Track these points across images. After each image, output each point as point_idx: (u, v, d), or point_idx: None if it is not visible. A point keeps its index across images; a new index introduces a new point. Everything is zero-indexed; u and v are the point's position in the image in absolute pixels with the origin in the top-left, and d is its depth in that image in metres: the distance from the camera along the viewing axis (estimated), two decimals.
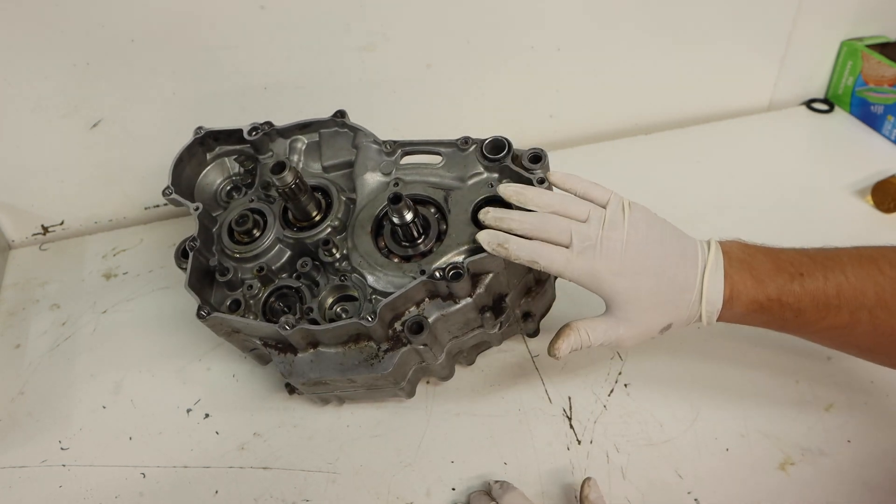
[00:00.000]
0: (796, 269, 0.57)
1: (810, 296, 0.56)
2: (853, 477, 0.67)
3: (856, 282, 0.55)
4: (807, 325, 0.58)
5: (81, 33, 0.84)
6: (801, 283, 0.56)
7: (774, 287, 0.56)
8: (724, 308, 0.58)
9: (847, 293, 0.55)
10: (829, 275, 0.56)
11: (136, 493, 0.69)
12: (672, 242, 0.59)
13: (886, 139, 1.14)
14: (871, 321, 0.55)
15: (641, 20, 1.06)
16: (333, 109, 0.76)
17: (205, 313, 0.64)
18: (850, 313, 0.55)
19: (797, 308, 0.56)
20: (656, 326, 0.59)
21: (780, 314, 0.57)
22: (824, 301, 0.56)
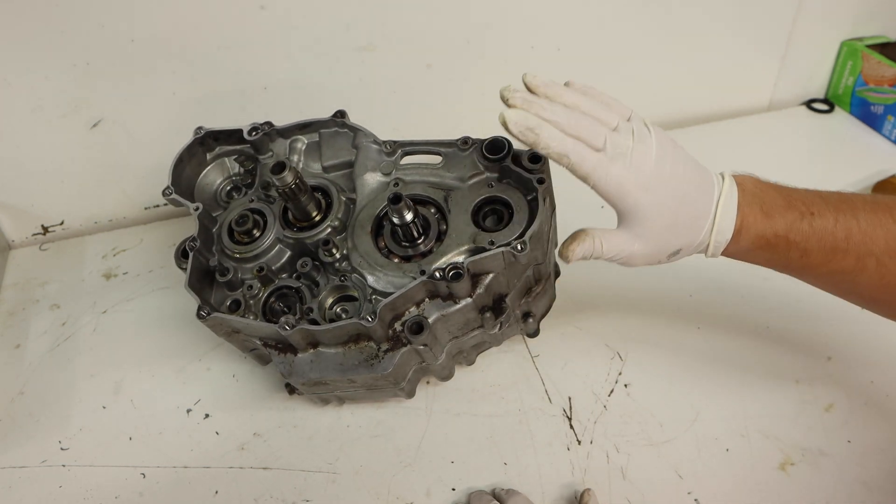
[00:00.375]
0: (807, 208, 0.56)
1: (818, 236, 0.55)
2: (853, 477, 0.67)
3: (867, 227, 0.54)
4: (811, 267, 0.57)
5: (81, 33, 0.84)
6: (810, 222, 0.55)
7: (783, 223, 0.56)
8: (732, 241, 0.57)
9: (856, 237, 0.54)
10: (839, 217, 0.55)
11: (136, 493, 0.69)
12: (692, 167, 0.58)
13: (886, 139, 1.14)
14: (878, 269, 0.54)
15: (641, 20, 1.06)
16: (333, 109, 0.76)
17: (205, 313, 0.64)
18: (857, 258, 0.54)
19: (804, 248, 0.55)
20: (668, 248, 0.58)
21: (786, 252, 0.56)
22: (832, 243, 0.55)
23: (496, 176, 0.69)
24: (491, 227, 0.67)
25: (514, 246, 0.61)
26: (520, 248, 0.61)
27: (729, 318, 0.83)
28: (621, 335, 0.81)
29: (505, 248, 0.61)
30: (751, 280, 0.82)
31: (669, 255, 0.59)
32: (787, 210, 0.56)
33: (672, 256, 0.59)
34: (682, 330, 0.82)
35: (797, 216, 0.56)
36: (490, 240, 0.64)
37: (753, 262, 0.60)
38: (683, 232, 0.57)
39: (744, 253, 0.59)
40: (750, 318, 0.82)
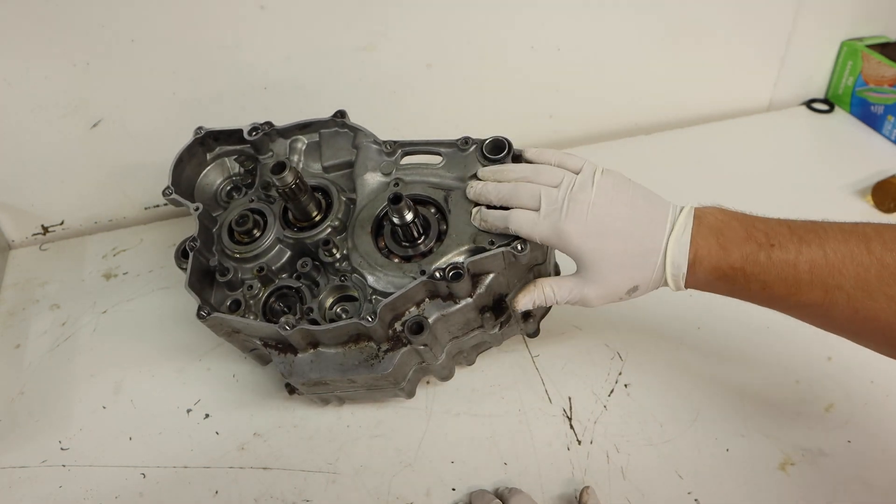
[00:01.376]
0: (767, 240, 0.55)
1: (777, 268, 0.53)
2: (853, 477, 0.67)
3: (834, 258, 0.52)
4: (777, 300, 0.56)
5: (81, 33, 0.84)
6: (768, 254, 0.54)
7: (739, 255, 0.55)
8: (689, 273, 0.57)
9: (821, 270, 0.52)
10: (803, 248, 0.53)
11: (136, 493, 0.69)
12: (642, 205, 0.59)
13: (886, 139, 1.14)
14: (850, 303, 0.52)
15: (641, 20, 1.06)
16: (333, 109, 0.76)
17: (205, 313, 0.64)
18: (825, 291, 0.52)
19: (763, 280, 0.54)
20: (623, 287, 0.59)
21: (746, 284, 0.55)
22: (794, 276, 0.53)
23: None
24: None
25: (514, 246, 0.61)
26: (520, 248, 0.61)
27: (729, 318, 0.83)
28: (621, 335, 0.81)
29: (505, 248, 0.62)
30: None
31: (628, 292, 0.60)
32: (745, 242, 0.55)
33: (631, 293, 0.60)
34: (682, 330, 0.82)
35: (755, 247, 0.55)
36: (490, 240, 0.64)
37: (720, 293, 0.59)
38: (635, 270, 0.58)
39: (706, 284, 0.58)
40: (750, 318, 0.82)
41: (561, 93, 1.11)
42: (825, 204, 1.01)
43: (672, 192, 1.01)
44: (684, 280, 0.57)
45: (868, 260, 0.51)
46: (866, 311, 0.52)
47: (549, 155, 0.64)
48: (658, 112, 1.20)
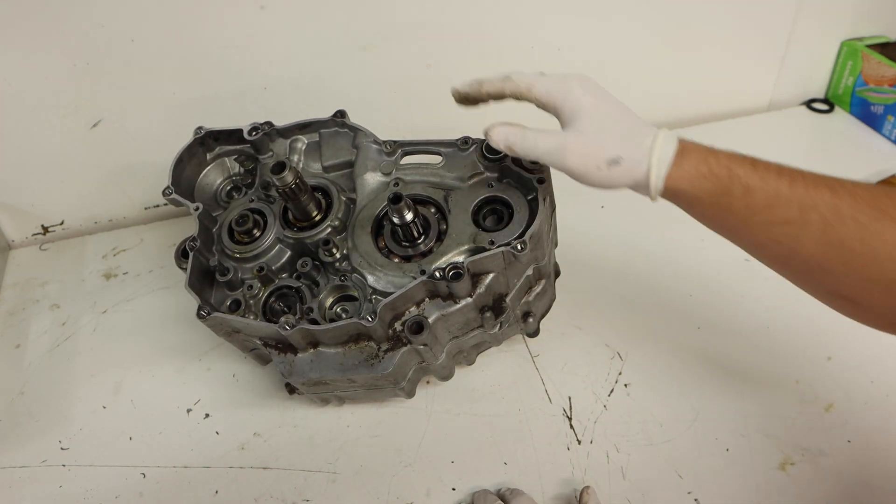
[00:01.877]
0: (750, 157, 0.56)
1: (760, 177, 0.54)
2: (853, 477, 0.67)
3: (811, 183, 0.53)
4: (755, 210, 0.55)
5: (81, 33, 0.84)
6: (752, 165, 0.55)
7: (726, 157, 0.56)
8: (675, 164, 0.55)
9: (799, 188, 0.53)
10: (783, 170, 0.55)
11: (136, 493, 0.69)
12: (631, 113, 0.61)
13: (886, 139, 1.14)
14: (822, 225, 0.52)
15: (641, 20, 1.06)
16: (333, 109, 0.76)
17: (205, 313, 0.64)
18: (801, 210, 0.53)
19: (746, 184, 0.54)
20: (607, 152, 0.57)
21: (729, 184, 0.55)
22: (775, 187, 0.53)
23: (496, 176, 0.69)
24: (491, 227, 0.67)
25: (514, 246, 0.61)
26: (520, 247, 0.61)
27: (729, 318, 0.83)
28: (621, 335, 0.81)
29: (505, 248, 0.62)
30: (751, 280, 0.83)
31: (609, 163, 0.56)
32: (729, 152, 0.57)
33: (611, 166, 0.56)
34: (682, 330, 0.82)
35: (739, 158, 0.56)
36: (490, 240, 0.64)
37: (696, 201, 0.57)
38: (623, 137, 0.57)
39: (688, 184, 0.56)
40: (750, 318, 0.82)
41: None
42: None
43: None
44: (667, 170, 0.56)
45: (841, 190, 0.52)
46: (835, 234, 0.52)
47: None
48: (658, 112, 1.20)
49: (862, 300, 0.55)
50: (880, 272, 0.51)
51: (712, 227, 0.59)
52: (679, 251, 0.90)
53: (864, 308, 0.56)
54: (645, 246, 0.91)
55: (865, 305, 0.56)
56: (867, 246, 0.51)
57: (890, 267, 0.51)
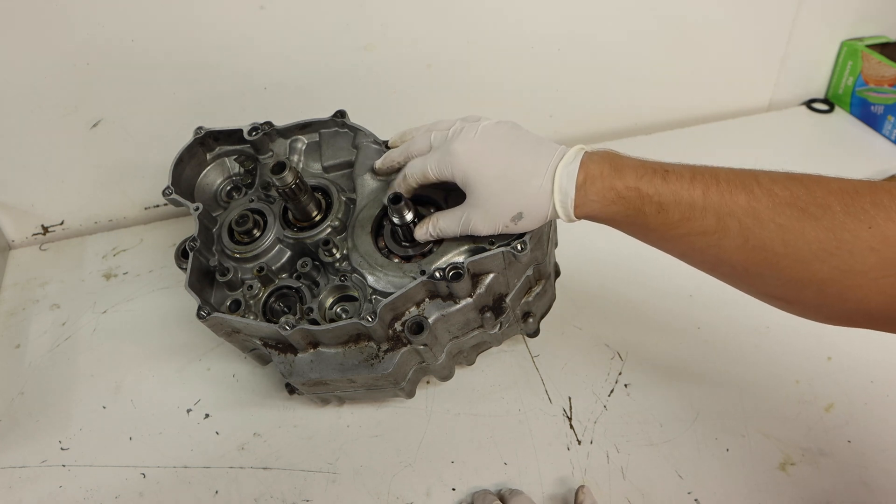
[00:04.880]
0: (661, 168, 0.54)
1: (672, 191, 0.53)
2: (853, 477, 0.67)
3: (726, 188, 0.52)
4: (670, 226, 0.54)
5: (81, 33, 0.84)
6: (663, 178, 0.53)
7: (634, 176, 0.54)
8: (578, 195, 0.55)
9: (714, 196, 0.52)
10: (696, 177, 0.53)
11: (136, 493, 0.69)
12: (531, 140, 0.60)
13: (886, 139, 1.14)
14: (741, 232, 0.51)
15: (641, 20, 1.06)
16: (333, 109, 0.76)
17: (205, 313, 0.64)
18: (718, 219, 0.51)
19: (658, 202, 0.53)
20: (507, 213, 0.59)
21: (641, 206, 0.54)
22: (689, 200, 0.52)
23: None
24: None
25: (514, 246, 0.61)
26: (520, 248, 0.61)
27: (729, 318, 0.83)
28: (621, 335, 0.81)
29: (505, 248, 0.61)
30: None
31: (513, 219, 0.59)
32: (639, 167, 0.55)
33: (517, 220, 0.59)
34: (682, 330, 0.82)
35: (649, 172, 0.54)
36: (490, 240, 0.64)
37: (612, 222, 0.58)
38: (517, 194, 0.58)
39: (599, 211, 0.56)
40: (750, 318, 0.82)
41: (561, 93, 1.11)
42: None
43: None
44: (573, 204, 0.56)
45: (759, 190, 0.51)
46: (756, 239, 0.51)
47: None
48: (658, 112, 1.20)
49: (795, 300, 0.55)
50: (809, 273, 0.50)
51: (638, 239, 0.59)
52: None
53: (800, 307, 0.55)
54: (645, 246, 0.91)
55: (800, 305, 0.55)
56: (791, 248, 0.50)
57: (818, 267, 0.49)
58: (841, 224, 0.48)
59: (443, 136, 0.63)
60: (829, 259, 0.49)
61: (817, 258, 0.49)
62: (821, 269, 0.49)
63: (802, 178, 0.51)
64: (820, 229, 0.48)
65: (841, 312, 0.53)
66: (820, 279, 0.50)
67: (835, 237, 0.48)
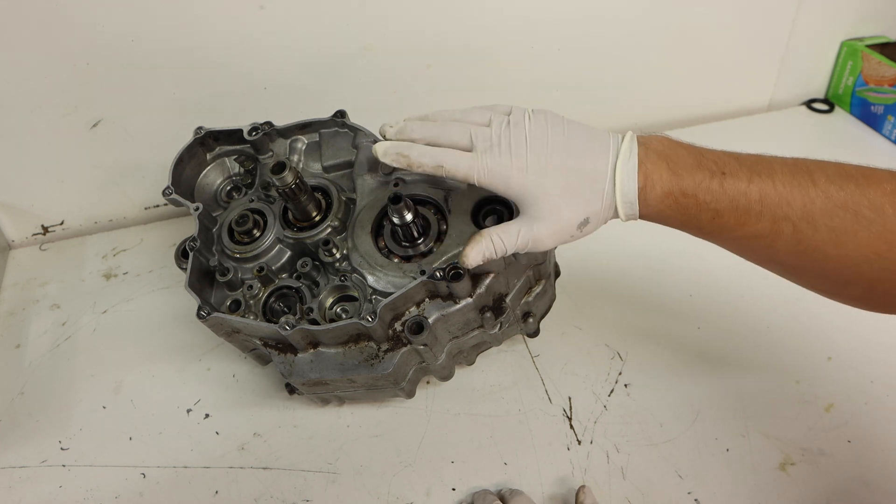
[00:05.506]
0: (718, 168, 0.53)
1: (729, 197, 0.52)
2: (853, 477, 0.67)
3: (783, 189, 0.51)
4: (725, 230, 0.54)
5: (81, 33, 0.84)
6: (720, 182, 0.52)
7: (692, 181, 0.52)
8: (639, 199, 0.54)
9: (771, 200, 0.51)
10: (754, 178, 0.52)
11: (136, 493, 0.69)
12: (580, 135, 0.56)
13: (886, 139, 1.14)
14: (795, 235, 0.51)
15: (641, 20, 1.06)
16: (333, 109, 0.76)
17: (205, 313, 0.64)
18: (773, 222, 0.51)
19: (714, 208, 0.52)
20: (573, 222, 0.56)
21: (697, 213, 0.53)
22: (745, 205, 0.51)
23: None
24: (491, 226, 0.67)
25: None
26: None
27: (729, 318, 0.83)
28: (621, 335, 0.81)
29: None
30: (751, 280, 0.82)
31: (579, 227, 0.56)
32: (696, 168, 0.53)
33: (583, 227, 0.56)
34: (682, 330, 0.82)
35: (707, 175, 0.53)
36: None
37: (668, 223, 0.56)
38: (582, 201, 0.55)
39: (656, 213, 0.55)
40: (750, 318, 0.82)
41: (561, 93, 1.11)
42: None
43: None
44: (637, 208, 0.55)
45: (814, 192, 0.51)
46: (808, 241, 0.51)
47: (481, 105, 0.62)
48: (658, 112, 1.20)
49: (841, 295, 0.56)
50: (858, 274, 0.51)
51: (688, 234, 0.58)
52: (679, 251, 0.89)
53: (845, 300, 0.57)
54: (645, 246, 0.91)
55: (846, 299, 0.56)
56: (843, 250, 0.50)
57: (867, 268, 0.50)
58: (892, 227, 0.48)
59: (485, 135, 0.57)
60: (878, 261, 0.49)
61: (867, 260, 0.50)
62: (870, 270, 0.50)
63: (857, 175, 0.51)
64: (872, 232, 0.49)
65: (886, 306, 0.54)
66: (869, 279, 0.51)
67: (885, 240, 0.49)
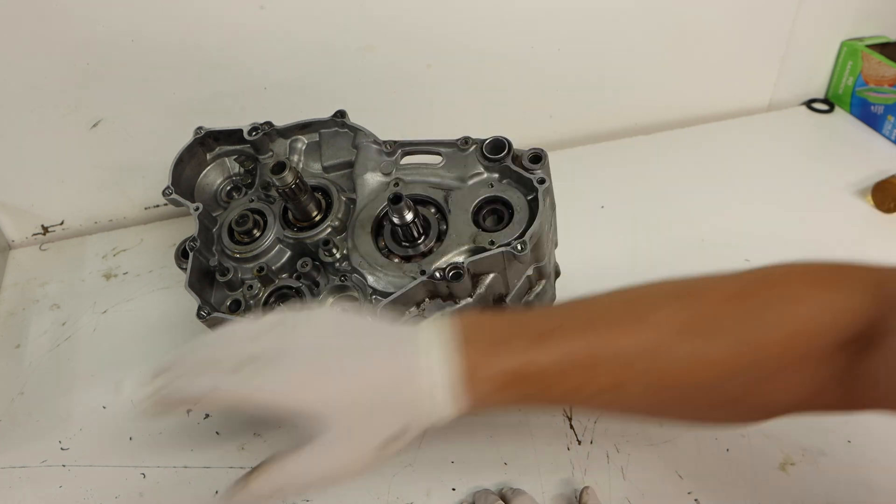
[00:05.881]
0: (541, 338, 0.45)
1: (561, 370, 0.44)
2: (853, 477, 0.67)
3: (613, 340, 0.45)
4: (570, 399, 0.47)
5: (81, 33, 0.84)
6: (542, 348, 0.45)
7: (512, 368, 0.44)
8: (467, 388, 0.43)
9: (607, 360, 0.45)
10: (579, 338, 0.45)
11: (136, 494, 0.69)
12: (372, 330, 0.46)
13: (887, 139, 1.14)
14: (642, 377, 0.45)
15: (641, 20, 1.06)
16: (333, 109, 0.76)
17: (205, 313, 0.64)
18: (613, 375, 0.45)
19: (546, 388, 0.45)
20: (383, 432, 0.43)
21: (532, 394, 0.45)
22: (579, 380, 0.45)
23: (496, 176, 0.69)
24: (491, 227, 0.67)
25: (514, 246, 0.61)
26: (520, 248, 0.61)
27: None
28: None
29: (505, 248, 0.61)
30: None
31: (391, 441, 0.43)
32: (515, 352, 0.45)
33: (395, 442, 0.44)
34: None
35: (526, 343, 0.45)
36: (490, 240, 0.64)
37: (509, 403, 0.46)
38: (390, 405, 0.43)
39: (494, 396, 0.44)
40: None
41: (561, 93, 1.11)
42: (825, 204, 1.01)
43: (672, 191, 1.01)
44: (464, 397, 0.43)
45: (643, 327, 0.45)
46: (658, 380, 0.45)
47: None
48: (658, 112, 1.20)
49: (706, 419, 0.53)
50: (719, 394, 0.46)
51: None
52: (679, 251, 0.89)
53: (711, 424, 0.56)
54: (645, 246, 0.91)
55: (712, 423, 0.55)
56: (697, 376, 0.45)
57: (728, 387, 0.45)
58: (742, 338, 0.43)
59: (254, 352, 0.43)
60: (739, 376, 0.45)
61: (726, 379, 0.45)
62: (732, 389, 0.45)
63: (686, 295, 0.47)
64: (722, 349, 0.44)
65: (753, 418, 0.51)
66: (732, 398, 0.46)
67: (739, 353, 0.44)
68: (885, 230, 0.96)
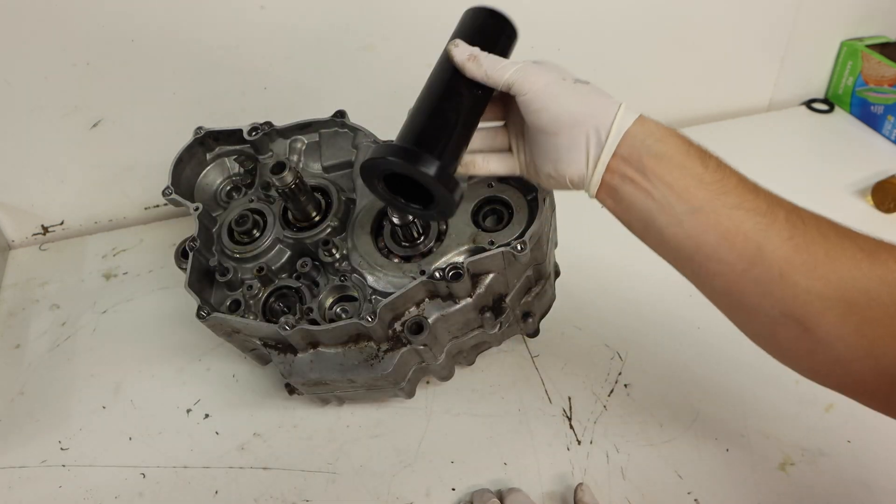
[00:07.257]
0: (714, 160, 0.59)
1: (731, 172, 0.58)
2: (853, 477, 0.67)
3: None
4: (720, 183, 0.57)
5: (81, 33, 0.84)
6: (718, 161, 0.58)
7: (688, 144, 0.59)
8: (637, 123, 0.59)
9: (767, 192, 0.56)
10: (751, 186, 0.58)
11: (136, 493, 0.69)
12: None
13: (886, 139, 1.14)
14: (787, 221, 0.54)
15: (642, 20, 1.06)
16: (333, 109, 0.76)
17: (205, 313, 0.64)
18: (769, 204, 0.56)
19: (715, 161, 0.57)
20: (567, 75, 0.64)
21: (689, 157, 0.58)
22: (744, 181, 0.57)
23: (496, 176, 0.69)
24: (491, 227, 0.67)
25: (514, 246, 0.61)
26: (519, 248, 0.61)
27: None
28: (621, 335, 0.81)
29: (505, 248, 0.62)
30: None
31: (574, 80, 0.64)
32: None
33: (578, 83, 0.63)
34: (682, 330, 0.82)
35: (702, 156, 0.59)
36: (490, 240, 0.64)
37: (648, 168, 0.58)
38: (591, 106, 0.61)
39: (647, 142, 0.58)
40: None
41: None
42: (825, 204, 0.99)
43: None
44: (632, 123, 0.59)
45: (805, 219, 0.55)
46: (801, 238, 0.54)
47: None
48: (658, 112, 1.19)
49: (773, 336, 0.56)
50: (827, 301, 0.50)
51: None
52: None
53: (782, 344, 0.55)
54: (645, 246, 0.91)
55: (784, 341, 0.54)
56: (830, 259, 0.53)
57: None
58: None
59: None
60: None
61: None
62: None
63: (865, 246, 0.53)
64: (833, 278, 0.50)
65: None
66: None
67: None
68: (886, 230, 0.95)
